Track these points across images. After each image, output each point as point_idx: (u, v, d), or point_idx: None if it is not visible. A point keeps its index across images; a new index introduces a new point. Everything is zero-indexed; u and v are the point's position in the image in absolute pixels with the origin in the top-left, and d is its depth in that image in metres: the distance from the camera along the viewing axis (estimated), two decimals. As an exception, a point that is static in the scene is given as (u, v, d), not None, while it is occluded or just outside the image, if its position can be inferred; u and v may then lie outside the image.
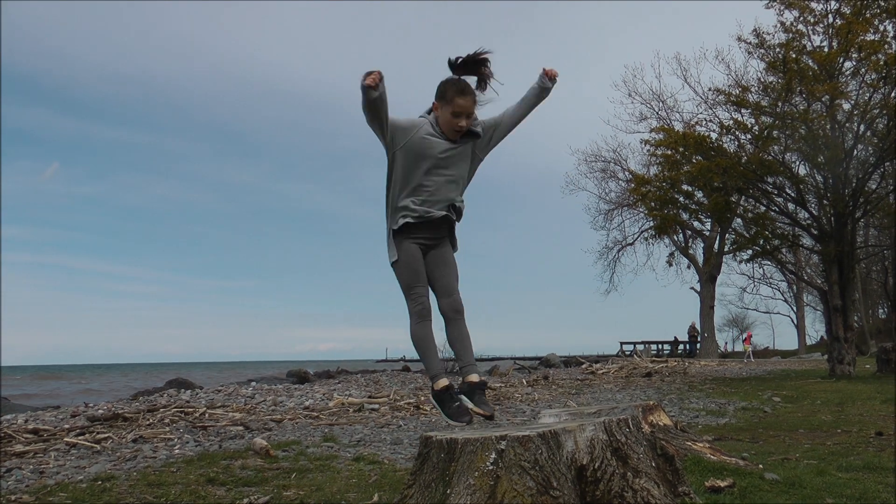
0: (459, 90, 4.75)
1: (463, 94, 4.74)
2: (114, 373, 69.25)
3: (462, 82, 4.80)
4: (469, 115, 4.76)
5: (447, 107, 4.73)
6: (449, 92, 4.75)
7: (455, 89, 4.75)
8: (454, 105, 4.71)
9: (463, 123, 4.74)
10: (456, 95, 4.72)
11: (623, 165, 49.27)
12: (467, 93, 4.76)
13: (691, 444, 5.89)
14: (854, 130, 22.16)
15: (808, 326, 70.93)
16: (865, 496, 4.86)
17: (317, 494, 5.60)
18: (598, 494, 3.65)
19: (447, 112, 4.73)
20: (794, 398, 14.19)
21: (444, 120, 4.76)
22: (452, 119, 4.72)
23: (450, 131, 4.76)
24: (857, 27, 20.38)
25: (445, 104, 4.74)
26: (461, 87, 4.76)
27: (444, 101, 4.76)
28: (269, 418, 11.68)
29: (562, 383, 20.99)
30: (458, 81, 4.80)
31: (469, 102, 4.75)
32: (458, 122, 4.73)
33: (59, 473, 6.91)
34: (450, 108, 4.72)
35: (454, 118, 4.72)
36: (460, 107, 4.71)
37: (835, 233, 22.38)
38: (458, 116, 4.72)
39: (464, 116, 4.73)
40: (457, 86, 4.77)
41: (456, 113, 4.71)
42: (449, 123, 4.74)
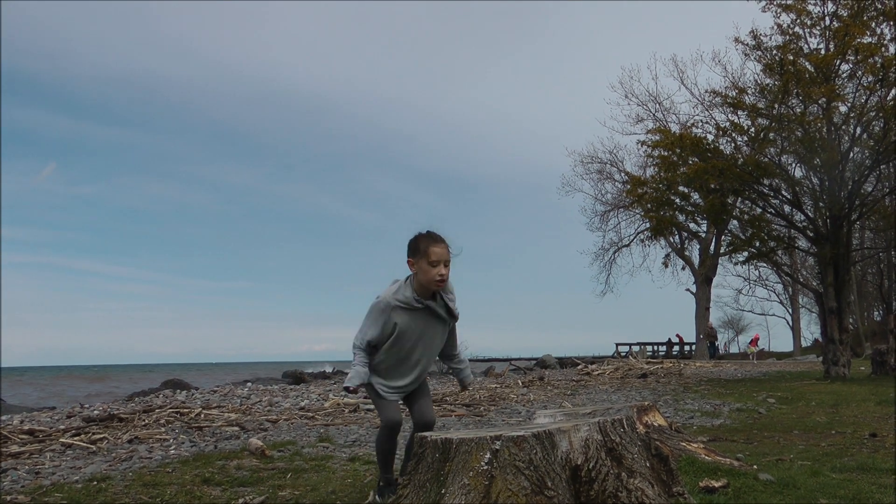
0: (432, 239, 4.79)
1: (436, 242, 4.77)
2: (112, 374, 69.23)
3: (431, 233, 4.84)
4: (447, 263, 4.78)
5: (423, 259, 4.75)
6: (422, 244, 4.78)
7: (427, 240, 4.79)
8: (430, 254, 4.73)
9: (443, 271, 4.75)
10: (430, 245, 4.75)
11: (619, 167, 49.48)
12: (439, 241, 4.79)
13: (686, 444, 5.91)
14: (850, 133, 22.20)
15: (803, 328, 71.18)
16: (859, 497, 4.88)
17: (312, 494, 5.61)
18: (593, 494, 3.65)
19: (424, 263, 4.75)
20: (788, 400, 14.22)
21: (423, 273, 4.78)
22: (431, 270, 4.74)
23: (430, 283, 4.78)
24: (853, 30, 20.41)
25: (420, 257, 4.76)
26: (433, 237, 4.81)
27: (418, 255, 4.78)
28: (264, 419, 11.68)
29: (557, 384, 21.00)
30: (428, 233, 4.84)
31: (444, 249, 4.77)
32: (438, 271, 4.74)
33: (54, 474, 6.91)
34: (425, 259, 4.74)
35: (433, 268, 4.73)
36: (437, 255, 4.73)
37: (830, 235, 22.40)
38: (437, 265, 4.73)
39: (441, 264, 4.74)
40: (429, 236, 4.82)
41: (433, 262, 4.72)
42: (428, 275, 4.76)
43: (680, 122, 38.22)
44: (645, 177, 29.64)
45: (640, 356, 46.96)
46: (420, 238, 4.81)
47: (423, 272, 4.75)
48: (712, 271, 49.89)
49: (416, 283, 4.83)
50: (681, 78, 40.46)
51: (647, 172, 33.34)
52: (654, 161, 25.88)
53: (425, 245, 4.75)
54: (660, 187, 24.86)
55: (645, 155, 27.91)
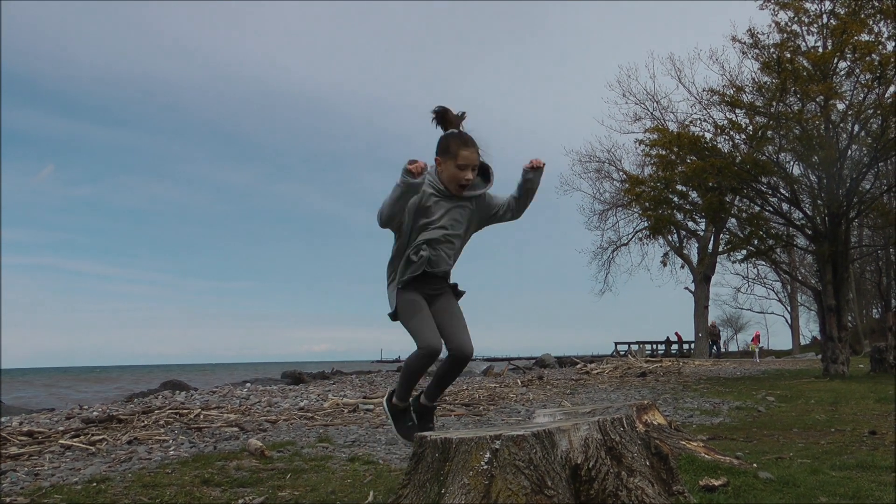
0: (463, 142, 4.70)
1: (466, 146, 4.69)
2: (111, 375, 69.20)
3: (464, 134, 4.75)
4: (474, 168, 4.71)
5: (451, 160, 4.69)
6: (452, 145, 4.70)
7: (458, 141, 4.70)
8: (459, 157, 4.67)
9: (469, 176, 4.69)
10: (460, 148, 4.68)
11: (617, 166, 49.49)
12: (471, 144, 4.71)
13: (685, 443, 5.90)
14: (848, 130, 22.22)
15: (802, 326, 71.24)
16: (859, 495, 4.88)
17: (311, 495, 5.60)
18: (593, 494, 3.65)
19: (451, 165, 4.69)
20: (788, 397, 14.22)
21: (448, 174, 4.72)
22: (458, 172, 4.68)
23: (454, 186, 4.73)
24: (851, 28, 20.42)
25: (449, 157, 4.69)
26: (464, 139, 4.72)
27: (447, 155, 4.71)
28: (263, 419, 11.67)
29: (556, 383, 21.00)
30: (461, 134, 4.75)
31: (473, 154, 4.70)
32: (465, 175, 4.68)
33: (53, 475, 6.89)
34: (454, 161, 4.67)
35: (460, 171, 4.68)
36: (465, 158, 4.67)
37: (829, 233, 22.42)
38: (464, 169, 4.67)
39: (469, 168, 4.68)
40: (460, 138, 4.72)
41: (461, 165, 4.67)
42: (454, 177, 4.70)
43: (678, 121, 38.20)
44: (643, 175, 29.64)
45: (639, 355, 47.01)
46: (451, 138, 4.75)
47: (449, 174, 4.71)
48: (711, 270, 49.92)
49: (442, 180, 4.77)
50: (678, 76, 40.50)
51: (646, 171, 33.38)
52: (651, 160, 25.90)
53: (455, 146, 4.69)
54: (658, 186, 24.87)
55: (643, 154, 27.92)
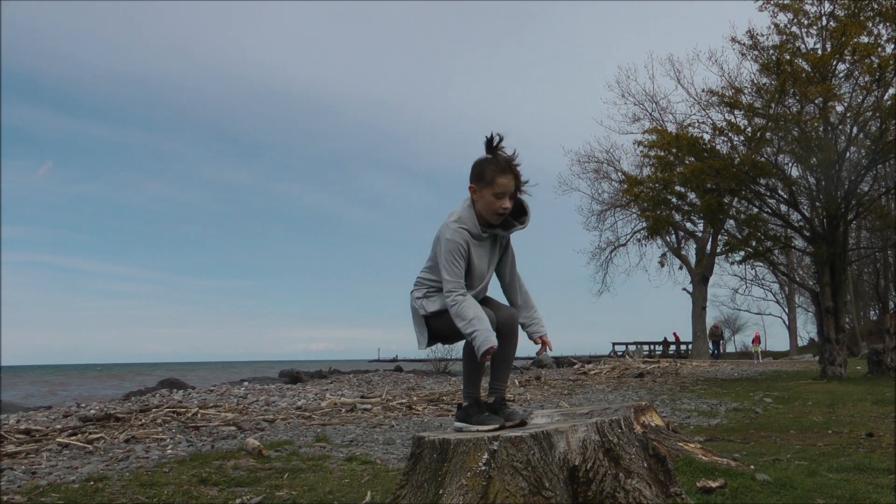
0: (500, 169, 4.34)
1: (504, 173, 4.33)
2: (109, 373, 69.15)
3: (501, 160, 4.38)
4: (512, 196, 4.37)
5: (486, 189, 4.35)
6: (488, 172, 4.35)
7: (495, 168, 4.35)
8: (496, 185, 4.32)
9: (507, 204, 4.34)
10: (497, 175, 4.33)
11: (616, 166, 49.48)
12: (508, 171, 4.35)
13: (683, 444, 5.91)
14: (847, 132, 22.24)
15: (799, 328, 71.20)
16: (856, 497, 4.88)
17: (309, 494, 5.61)
18: (591, 495, 3.65)
19: (488, 194, 4.34)
20: (785, 399, 14.23)
21: (484, 203, 4.39)
22: (495, 201, 4.33)
23: (491, 215, 4.39)
24: (850, 30, 20.44)
25: (485, 186, 4.35)
26: (501, 166, 4.36)
27: (482, 183, 4.37)
28: (261, 418, 11.67)
29: (554, 384, 21.02)
30: (497, 159, 4.39)
31: (511, 181, 4.35)
32: (502, 204, 4.34)
33: (51, 474, 6.90)
34: (491, 189, 4.33)
35: (497, 199, 4.33)
36: (503, 186, 4.31)
37: (827, 235, 22.43)
38: (501, 197, 4.32)
39: (507, 196, 4.34)
40: (496, 164, 4.37)
41: (499, 194, 4.32)
42: (491, 206, 4.36)
43: (676, 122, 38.24)
44: (641, 176, 29.60)
45: (636, 356, 47.02)
46: (487, 164, 4.39)
47: (485, 202, 4.37)
48: (709, 271, 49.94)
49: (477, 211, 4.45)
50: (677, 77, 40.44)
51: (644, 172, 33.32)
52: (650, 161, 25.92)
53: (492, 174, 4.33)
54: (656, 187, 24.90)
55: (641, 154, 27.94)
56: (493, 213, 4.36)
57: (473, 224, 4.39)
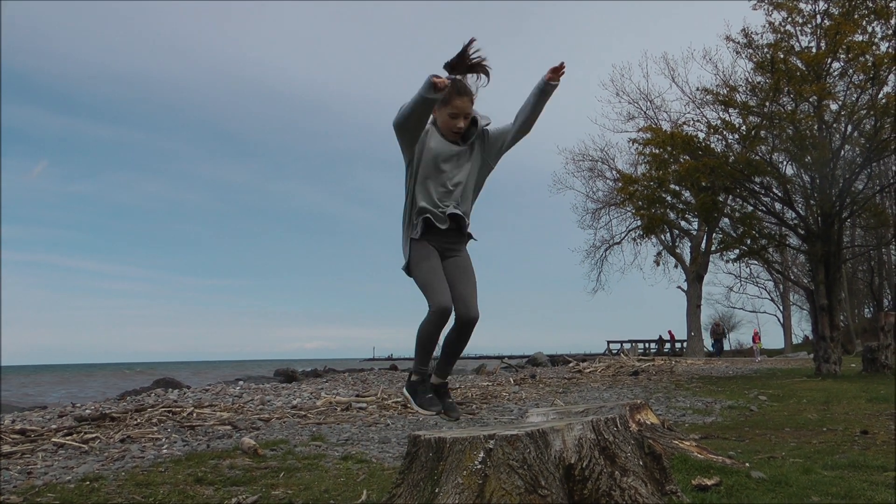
0: (456, 91, 4.65)
1: (460, 95, 4.66)
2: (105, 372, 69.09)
3: (458, 82, 4.69)
4: (467, 116, 4.70)
5: (444, 108, 4.68)
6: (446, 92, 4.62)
7: (451, 90, 4.63)
8: (451, 106, 4.65)
9: (461, 124, 4.68)
10: (453, 96, 4.64)
11: (610, 165, 49.50)
12: (464, 93, 4.68)
13: (678, 442, 5.92)
14: (841, 131, 22.27)
15: (794, 325, 71.31)
16: (851, 494, 4.90)
17: (305, 493, 5.61)
18: (586, 493, 3.66)
19: (444, 113, 4.68)
20: (780, 397, 14.25)
21: (441, 122, 4.72)
22: (450, 120, 4.68)
23: (448, 133, 4.72)
24: (845, 28, 20.45)
25: (442, 106, 4.68)
26: (458, 88, 4.67)
27: (441, 103, 4.67)
28: (256, 417, 11.66)
29: (549, 382, 21.01)
30: (455, 82, 4.67)
31: (466, 102, 4.68)
32: (457, 123, 4.68)
33: (46, 474, 6.89)
34: (447, 109, 4.66)
35: (452, 119, 4.67)
36: (457, 108, 4.65)
37: (821, 233, 22.46)
38: (456, 118, 4.66)
39: (461, 117, 4.67)
40: (453, 86, 4.65)
41: (453, 114, 4.66)
42: (447, 125, 4.70)
43: (671, 120, 38.22)
44: (636, 175, 29.63)
45: (631, 354, 47.01)
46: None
47: (443, 121, 4.71)
48: (703, 269, 49.93)
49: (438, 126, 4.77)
50: (672, 76, 40.45)
51: (639, 170, 33.36)
52: (645, 159, 25.90)
53: (448, 95, 4.63)
54: (651, 185, 24.91)
55: (636, 153, 27.89)
56: (449, 131, 4.70)
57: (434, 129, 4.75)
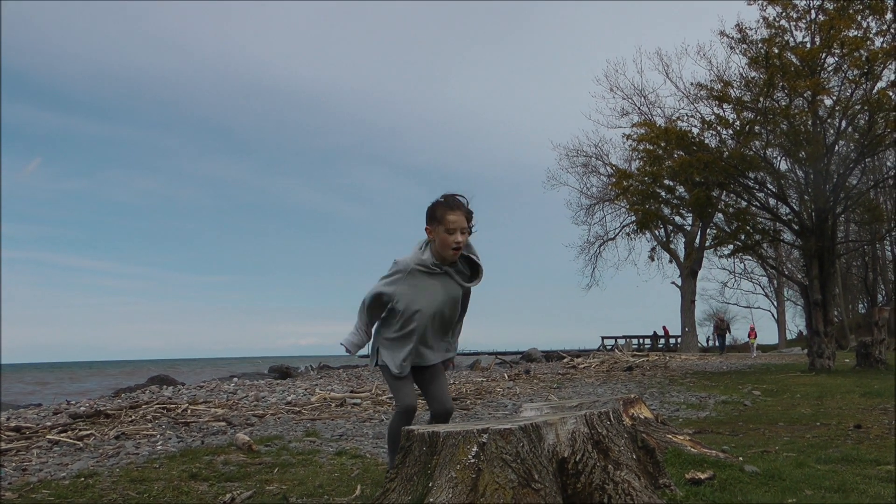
0: (448, 207, 4.69)
1: (453, 210, 4.67)
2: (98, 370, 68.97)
3: (450, 198, 4.74)
4: (463, 231, 4.68)
5: (440, 226, 4.67)
6: (438, 211, 4.70)
7: (444, 207, 4.69)
8: (446, 222, 4.64)
9: (459, 239, 4.66)
10: (446, 212, 4.66)
11: (605, 160, 49.51)
12: (457, 207, 4.69)
13: (672, 436, 5.93)
14: (835, 126, 22.31)
15: (788, 321, 71.28)
16: (844, 488, 4.91)
17: (299, 489, 5.61)
18: (580, 487, 3.67)
19: (441, 231, 4.67)
20: (774, 392, 14.28)
21: (440, 241, 4.70)
22: (448, 237, 4.66)
23: (447, 251, 4.69)
24: (839, 23, 20.49)
25: (437, 224, 4.68)
26: (450, 204, 4.71)
27: (435, 222, 4.70)
28: (251, 414, 11.67)
29: (543, 377, 21.04)
30: (446, 199, 4.74)
31: (460, 217, 4.67)
32: (454, 239, 4.65)
33: (41, 471, 6.89)
34: (442, 226, 4.65)
35: (449, 235, 4.65)
36: (453, 222, 4.64)
37: (815, 228, 22.50)
38: (453, 233, 4.64)
39: (458, 231, 4.65)
40: (445, 203, 4.71)
41: (450, 230, 4.64)
42: (445, 243, 4.67)
43: (665, 116, 38.31)
44: (630, 170, 29.66)
45: (625, 349, 47.09)
46: (437, 205, 4.73)
47: (440, 240, 4.69)
48: (698, 264, 49.98)
49: (434, 250, 4.76)
50: (666, 71, 40.55)
51: (633, 166, 33.36)
52: (639, 154, 25.94)
53: (442, 212, 4.67)
54: (645, 180, 24.94)
55: (630, 148, 27.94)
56: (448, 248, 4.69)
57: (425, 259, 4.76)
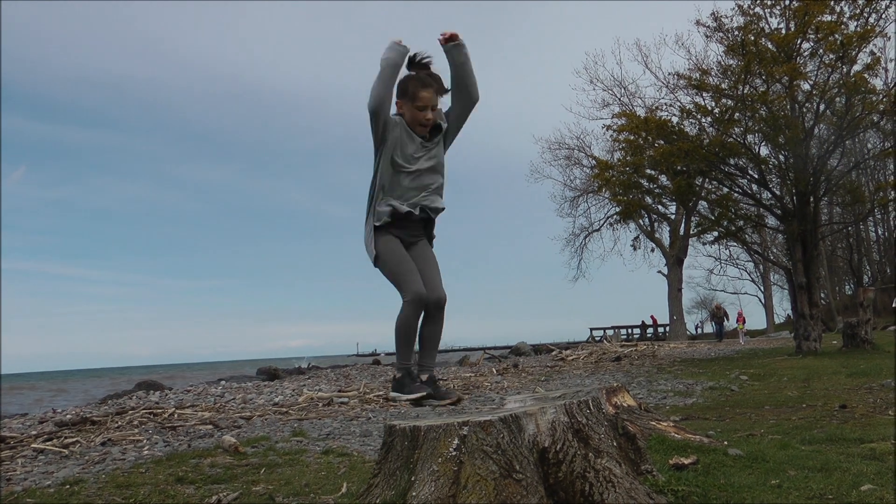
0: (421, 83, 4.69)
1: (424, 87, 4.69)
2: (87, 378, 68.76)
3: (422, 76, 4.74)
4: (434, 107, 4.72)
5: (410, 102, 4.69)
6: (410, 86, 4.70)
7: (416, 83, 4.69)
8: (418, 98, 4.66)
9: (429, 116, 4.69)
10: (418, 88, 4.67)
11: (587, 152, 49.58)
12: (428, 84, 4.71)
13: (656, 423, 5.94)
14: (814, 110, 22.41)
15: (775, 305, 71.50)
16: (827, 467, 4.93)
17: (286, 488, 5.61)
18: (561, 476, 3.67)
19: (411, 107, 4.70)
20: (760, 376, 14.34)
21: (409, 116, 4.73)
22: (418, 113, 4.69)
23: (417, 126, 4.72)
24: (813, 8, 20.60)
25: (408, 100, 4.70)
26: (422, 80, 4.71)
27: (406, 98, 4.71)
28: (238, 416, 11.66)
29: (532, 371, 21.09)
30: (419, 75, 4.74)
31: (431, 94, 4.70)
32: (425, 115, 4.68)
33: (26, 479, 6.86)
34: (413, 102, 4.68)
35: (419, 112, 4.68)
36: (424, 99, 4.66)
37: (797, 211, 22.59)
38: (424, 109, 4.67)
39: (429, 109, 4.69)
40: (418, 79, 4.71)
41: (420, 106, 4.67)
42: (415, 118, 4.71)
43: (645, 106, 38.30)
44: (612, 161, 29.69)
45: (614, 340, 47.17)
46: (409, 81, 4.73)
47: (410, 114, 4.73)
48: (683, 252, 50.12)
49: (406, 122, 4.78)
50: (645, 62, 40.48)
51: (615, 157, 33.42)
52: (620, 145, 25.99)
53: (414, 88, 4.69)
54: (627, 170, 25.00)
55: (612, 139, 27.98)
56: (418, 124, 4.71)
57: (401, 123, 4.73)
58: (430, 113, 4.70)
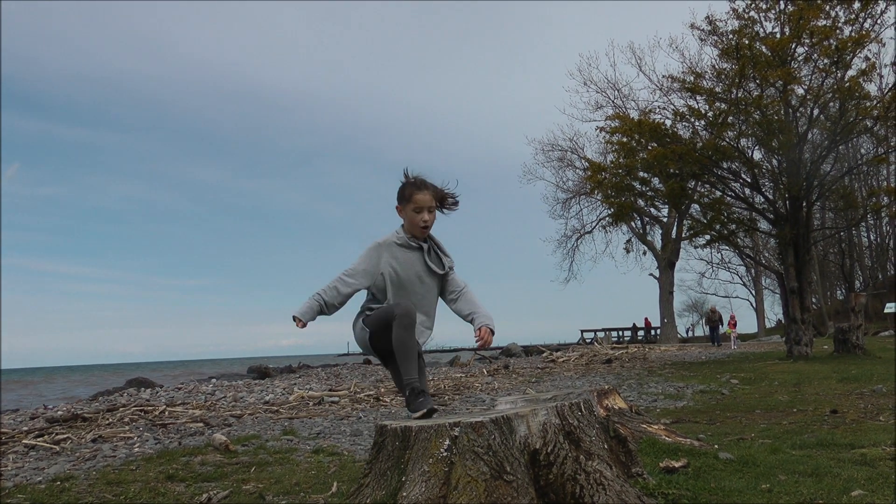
0: (416, 186, 4.87)
1: (420, 190, 4.86)
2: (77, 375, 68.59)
3: (418, 179, 4.91)
4: (431, 209, 4.87)
5: (408, 205, 4.85)
6: (407, 190, 4.87)
7: (412, 187, 4.87)
8: (414, 201, 4.82)
9: (426, 217, 4.85)
10: (414, 192, 4.84)
11: (580, 154, 49.62)
12: (424, 187, 4.87)
13: (647, 426, 5.95)
14: (807, 115, 22.42)
15: (767, 309, 71.76)
16: (818, 471, 4.94)
17: (276, 487, 5.60)
18: (552, 478, 3.68)
19: (409, 209, 4.85)
20: (751, 380, 14.36)
21: (408, 219, 4.89)
22: (416, 216, 4.84)
23: (416, 230, 4.87)
24: (808, 13, 20.63)
25: (406, 203, 4.86)
26: (418, 184, 4.88)
27: (404, 201, 4.88)
28: (228, 414, 11.65)
29: (522, 372, 21.08)
30: (415, 180, 4.91)
31: (427, 196, 4.86)
32: (422, 217, 4.84)
33: (17, 475, 6.85)
34: (411, 205, 4.83)
35: (417, 214, 4.83)
36: (420, 201, 4.82)
37: (790, 216, 22.64)
38: (420, 211, 4.83)
39: (426, 210, 4.84)
40: (413, 183, 4.89)
41: (417, 208, 4.83)
42: (413, 221, 4.85)
43: (639, 109, 38.33)
44: (605, 163, 29.71)
45: (605, 342, 47.20)
46: (406, 185, 4.90)
47: (409, 219, 4.87)
48: (675, 256, 50.23)
49: (406, 229, 4.92)
50: (639, 64, 40.58)
51: (608, 159, 33.46)
52: (613, 147, 26.00)
53: (410, 192, 4.85)
54: (619, 173, 25.01)
55: (605, 141, 27.99)
56: (417, 227, 4.87)
57: (402, 235, 4.91)
58: (427, 214, 4.87)
